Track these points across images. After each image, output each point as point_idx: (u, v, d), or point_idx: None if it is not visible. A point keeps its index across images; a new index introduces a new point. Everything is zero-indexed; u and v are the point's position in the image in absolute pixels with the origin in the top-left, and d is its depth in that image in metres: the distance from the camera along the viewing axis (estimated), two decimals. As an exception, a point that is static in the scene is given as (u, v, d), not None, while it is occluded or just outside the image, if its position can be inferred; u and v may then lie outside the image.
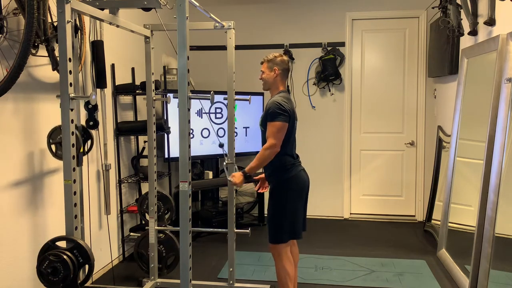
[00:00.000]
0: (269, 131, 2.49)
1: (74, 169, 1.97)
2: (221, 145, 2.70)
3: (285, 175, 2.56)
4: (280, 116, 2.46)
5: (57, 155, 2.54)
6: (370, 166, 4.93)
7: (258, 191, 2.85)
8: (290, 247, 2.65)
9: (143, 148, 3.89)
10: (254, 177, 2.98)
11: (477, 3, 3.15)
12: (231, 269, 3.05)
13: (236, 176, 2.54)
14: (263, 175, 2.78)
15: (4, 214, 2.37)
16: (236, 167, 2.65)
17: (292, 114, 2.54)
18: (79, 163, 2.49)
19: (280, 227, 2.56)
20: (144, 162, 3.79)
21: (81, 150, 2.63)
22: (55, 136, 2.52)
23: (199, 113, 4.29)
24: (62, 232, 2.01)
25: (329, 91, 4.86)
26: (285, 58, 2.66)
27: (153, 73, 2.93)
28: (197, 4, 2.28)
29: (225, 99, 3.01)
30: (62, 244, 1.94)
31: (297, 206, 2.59)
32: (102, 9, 2.35)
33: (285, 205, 2.55)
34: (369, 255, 3.77)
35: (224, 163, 2.69)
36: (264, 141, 2.57)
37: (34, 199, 2.61)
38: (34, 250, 2.56)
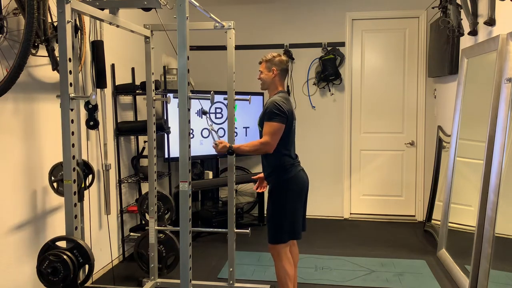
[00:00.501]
0: (265, 129, 2.49)
1: (74, 169, 1.97)
2: (204, 113, 2.71)
3: (285, 176, 2.55)
4: (277, 117, 2.46)
5: (58, 192, 2.56)
6: (370, 166, 4.92)
7: (257, 190, 2.86)
8: (289, 247, 2.65)
9: (143, 148, 3.89)
10: (253, 177, 2.98)
11: (477, 3, 3.15)
12: (231, 269, 3.05)
13: (222, 145, 2.54)
14: (261, 175, 2.78)
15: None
16: (217, 136, 2.70)
17: (291, 115, 2.53)
18: (80, 199, 2.48)
19: (279, 227, 2.55)
20: (144, 162, 3.79)
21: (82, 185, 2.63)
22: (56, 173, 2.54)
23: (199, 113, 4.29)
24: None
25: (329, 91, 4.86)
26: (284, 58, 2.65)
27: (153, 73, 2.93)
28: (197, 4, 2.29)
29: (225, 99, 3.00)
30: (62, 244, 1.94)
31: (297, 206, 2.58)
32: (102, 9, 2.35)
33: (285, 205, 2.54)
34: (369, 255, 3.77)
35: (209, 127, 2.70)
36: None
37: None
38: (34, 251, 2.56)
